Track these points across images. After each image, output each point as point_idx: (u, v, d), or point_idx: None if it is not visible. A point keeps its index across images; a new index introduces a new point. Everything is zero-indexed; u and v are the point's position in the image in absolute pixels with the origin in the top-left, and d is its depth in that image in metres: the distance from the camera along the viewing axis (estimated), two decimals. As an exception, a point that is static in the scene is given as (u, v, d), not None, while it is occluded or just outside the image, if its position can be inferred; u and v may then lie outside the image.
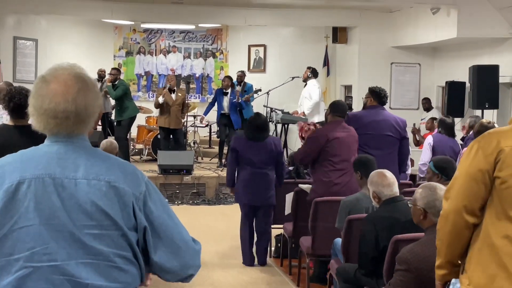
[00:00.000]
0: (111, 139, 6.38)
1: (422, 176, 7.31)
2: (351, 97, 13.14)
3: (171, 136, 11.67)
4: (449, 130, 7.62)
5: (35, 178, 1.97)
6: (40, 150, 2.05)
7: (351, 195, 5.24)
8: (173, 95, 11.59)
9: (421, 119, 11.96)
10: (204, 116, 12.40)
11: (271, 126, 9.81)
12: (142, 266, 2.09)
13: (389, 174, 4.46)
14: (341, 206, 5.07)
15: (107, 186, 1.99)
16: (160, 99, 11.47)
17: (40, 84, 2.03)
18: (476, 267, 2.47)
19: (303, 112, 11.29)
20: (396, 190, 4.39)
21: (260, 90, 12.10)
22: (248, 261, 6.83)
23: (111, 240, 1.99)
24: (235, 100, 11.84)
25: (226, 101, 11.91)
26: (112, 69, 12.30)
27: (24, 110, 4.05)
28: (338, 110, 6.28)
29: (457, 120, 11.22)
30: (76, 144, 2.04)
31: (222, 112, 11.92)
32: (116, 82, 11.81)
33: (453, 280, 2.67)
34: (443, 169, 4.86)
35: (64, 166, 1.99)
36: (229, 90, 11.92)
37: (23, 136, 3.93)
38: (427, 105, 12.37)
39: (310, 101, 11.27)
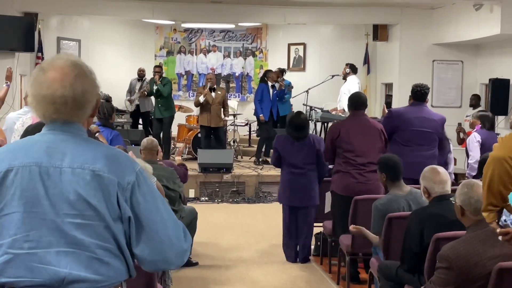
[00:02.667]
0: (152, 137, 6.40)
1: (473, 174, 7.03)
2: (391, 95, 12.99)
3: (211, 135, 11.74)
4: (492, 124, 7.70)
5: (23, 166, 2.00)
6: (32, 139, 2.09)
7: (382, 197, 5.18)
8: (213, 94, 11.65)
9: (466, 116, 11.68)
10: (262, 115, 11.96)
11: (311, 125, 9.77)
12: (128, 260, 2.07)
13: (442, 171, 4.35)
14: (373, 210, 4.98)
15: (91, 175, 1.99)
16: (201, 98, 11.53)
17: (37, 73, 2.06)
18: None
19: (343, 109, 11.23)
20: (447, 188, 4.29)
21: (292, 87, 12.32)
22: (290, 257, 6.85)
23: (94, 231, 1.99)
24: (275, 91, 11.97)
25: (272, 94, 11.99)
26: (156, 67, 12.48)
27: None
28: (356, 103, 6.30)
29: (500, 118, 11.05)
30: (69, 133, 2.06)
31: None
32: (161, 80, 11.97)
33: (504, 212, 2.94)
34: None
35: (52, 154, 2.01)
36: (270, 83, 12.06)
37: None
38: (474, 101, 11.96)
39: (349, 97, 11.21)
